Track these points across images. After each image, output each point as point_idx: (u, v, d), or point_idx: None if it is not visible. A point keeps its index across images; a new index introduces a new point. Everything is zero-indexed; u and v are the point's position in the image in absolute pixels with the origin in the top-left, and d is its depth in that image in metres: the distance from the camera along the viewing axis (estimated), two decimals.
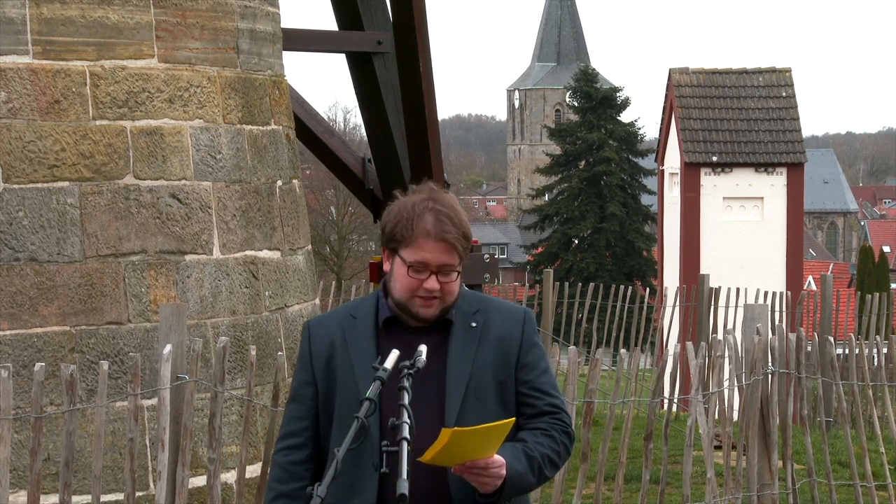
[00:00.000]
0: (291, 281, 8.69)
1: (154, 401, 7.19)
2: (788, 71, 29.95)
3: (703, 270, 25.20)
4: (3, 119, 7.45)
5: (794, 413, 8.72)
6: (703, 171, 28.77)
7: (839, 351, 10.02)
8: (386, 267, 3.93)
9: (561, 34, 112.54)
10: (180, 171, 7.95)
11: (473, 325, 3.93)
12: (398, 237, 3.86)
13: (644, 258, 57.95)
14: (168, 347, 6.88)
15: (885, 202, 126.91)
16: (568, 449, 3.95)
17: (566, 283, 16.95)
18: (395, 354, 3.70)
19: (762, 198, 28.68)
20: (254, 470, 7.74)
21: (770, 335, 8.34)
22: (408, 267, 3.84)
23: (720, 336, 9.43)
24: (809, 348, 10.19)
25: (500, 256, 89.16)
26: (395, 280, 3.88)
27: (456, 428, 3.61)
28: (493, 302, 4.02)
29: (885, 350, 11.14)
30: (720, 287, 16.59)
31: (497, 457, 3.72)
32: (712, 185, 28.75)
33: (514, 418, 3.76)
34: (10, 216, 7.44)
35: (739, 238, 28.41)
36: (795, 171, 28.90)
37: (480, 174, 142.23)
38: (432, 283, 3.84)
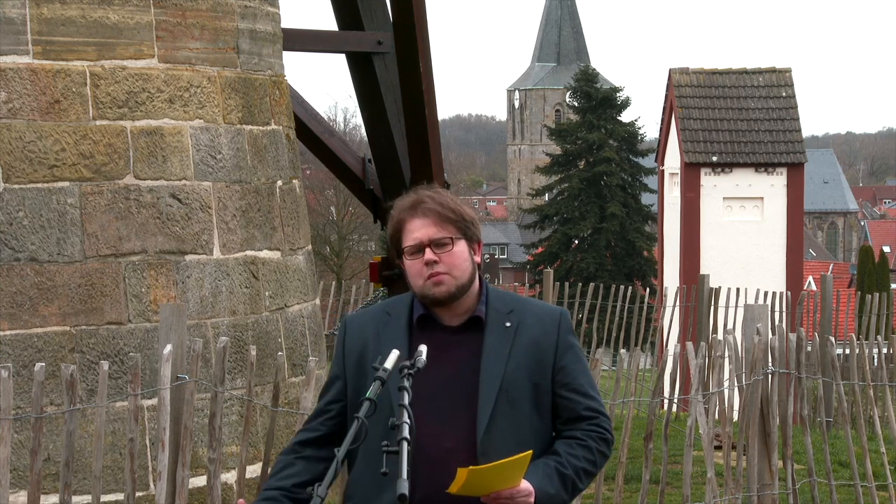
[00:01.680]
0: (291, 281, 8.69)
1: (154, 401, 7.19)
2: (788, 71, 29.93)
3: (703, 270, 25.19)
4: (3, 119, 7.45)
5: (794, 413, 8.71)
6: (703, 171, 28.75)
7: (839, 351, 10.01)
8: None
9: (561, 34, 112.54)
10: (180, 171, 7.95)
11: (508, 325, 3.93)
12: (395, 236, 3.95)
13: (644, 258, 57.91)
14: (168, 347, 6.88)
15: (885, 202, 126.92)
16: (606, 455, 3.96)
17: (566, 283, 16.95)
18: (394, 354, 3.70)
19: (762, 198, 28.66)
20: (254, 470, 7.74)
21: (770, 335, 8.33)
22: (408, 255, 3.90)
23: (720, 336, 9.43)
24: (809, 348, 10.20)
25: (500, 256, 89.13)
26: (409, 277, 3.93)
27: (471, 467, 3.62)
28: (528, 302, 4.02)
29: (885, 350, 11.15)
30: (720, 287, 16.59)
31: (524, 485, 3.73)
32: (712, 185, 28.74)
33: (531, 451, 3.74)
34: (10, 216, 7.43)
35: (739, 238, 28.38)
36: (795, 171, 28.88)
37: (480, 174, 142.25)
38: (429, 254, 3.87)
